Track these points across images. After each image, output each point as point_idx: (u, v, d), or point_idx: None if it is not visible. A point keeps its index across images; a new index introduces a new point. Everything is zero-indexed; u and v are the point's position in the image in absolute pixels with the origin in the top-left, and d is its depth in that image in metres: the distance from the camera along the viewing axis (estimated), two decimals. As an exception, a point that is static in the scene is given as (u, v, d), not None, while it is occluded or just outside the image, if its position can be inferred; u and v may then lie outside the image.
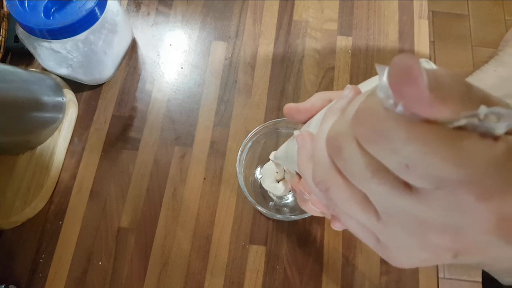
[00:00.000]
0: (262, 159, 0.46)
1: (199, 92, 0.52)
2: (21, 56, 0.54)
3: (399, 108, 0.14)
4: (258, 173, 0.46)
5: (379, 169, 0.16)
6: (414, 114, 0.14)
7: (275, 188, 0.44)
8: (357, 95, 0.21)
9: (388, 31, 0.55)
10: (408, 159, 0.14)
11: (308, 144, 0.23)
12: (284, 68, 0.53)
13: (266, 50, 0.54)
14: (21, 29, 0.44)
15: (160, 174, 0.48)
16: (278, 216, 0.43)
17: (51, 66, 0.48)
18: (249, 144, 0.45)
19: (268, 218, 0.46)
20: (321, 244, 0.45)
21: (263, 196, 0.46)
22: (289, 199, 0.46)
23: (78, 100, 0.52)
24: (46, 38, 0.43)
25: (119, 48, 0.51)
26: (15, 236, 0.46)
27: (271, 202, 0.46)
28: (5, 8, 0.53)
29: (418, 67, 0.13)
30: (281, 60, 0.54)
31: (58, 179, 0.48)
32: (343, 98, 0.21)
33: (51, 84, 0.49)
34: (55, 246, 0.46)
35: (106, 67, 0.51)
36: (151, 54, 0.55)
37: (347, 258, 0.45)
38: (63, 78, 0.52)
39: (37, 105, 0.46)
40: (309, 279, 0.44)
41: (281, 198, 0.46)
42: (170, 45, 0.55)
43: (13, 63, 0.54)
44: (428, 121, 0.14)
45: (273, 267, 0.44)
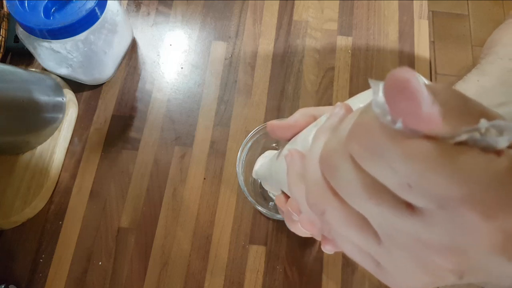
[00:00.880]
0: (262, 159, 0.46)
1: (199, 92, 0.52)
2: (21, 56, 0.54)
3: (398, 125, 0.14)
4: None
5: (378, 189, 0.15)
6: (413, 130, 0.13)
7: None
8: (348, 113, 0.20)
9: (388, 31, 0.55)
10: (408, 178, 0.13)
11: (298, 163, 0.22)
12: (284, 68, 0.53)
13: (266, 50, 0.54)
14: (21, 29, 0.44)
15: (160, 174, 0.48)
16: (278, 216, 0.43)
17: (51, 66, 0.48)
18: (249, 144, 0.45)
19: (268, 218, 0.46)
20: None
21: (263, 196, 0.46)
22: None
23: (78, 100, 0.52)
24: (46, 38, 0.43)
25: (119, 48, 0.51)
26: (15, 236, 0.46)
27: (271, 202, 0.46)
28: (5, 8, 0.53)
29: (416, 81, 0.13)
30: (281, 60, 0.54)
31: (58, 179, 0.48)
32: (334, 116, 0.20)
33: (51, 84, 0.49)
34: (55, 246, 0.46)
35: (106, 67, 0.51)
36: (151, 54, 0.55)
37: (347, 258, 0.45)
38: (63, 78, 0.52)
39: (37, 105, 0.46)
40: (309, 279, 0.44)
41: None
42: (170, 45, 0.55)
43: (13, 63, 0.54)
44: (428, 137, 0.13)
45: (273, 267, 0.44)
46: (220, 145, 0.50)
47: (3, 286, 0.43)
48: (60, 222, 0.46)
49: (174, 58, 0.54)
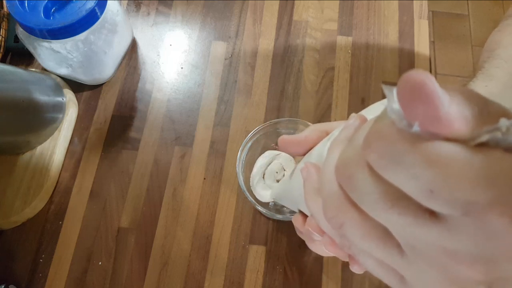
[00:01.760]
0: (262, 159, 0.46)
1: (199, 92, 0.52)
2: (21, 56, 0.54)
3: (415, 128, 0.13)
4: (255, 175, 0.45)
5: (398, 197, 0.14)
6: (432, 134, 0.13)
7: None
8: (363, 124, 0.19)
9: (388, 31, 0.55)
10: (430, 184, 0.13)
11: (314, 176, 0.21)
12: (284, 68, 0.53)
13: (266, 50, 0.54)
14: (21, 29, 0.44)
15: (160, 174, 0.48)
16: (278, 216, 0.43)
17: (51, 66, 0.48)
18: (249, 144, 0.45)
19: (268, 218, 0.46)
20: (321, 244, 0.45)
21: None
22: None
23: (78, 100, 0.52)
24: (46, 38, 0.43)
25: (119, 48, 0.51)
26: (15, 236, 0.46)
27: (271, 202, 0.46)
28: (5, 8, 0.53)
29: (431, 83, 0.12)
30: (281, 60, 0.54)
31: (58, 179, 0.48)
32: (348, 127, 0.20)
33: (51, 84, 0.49)
34: (55, 246, 0.46)
35: (106, 67, 0.51)
36: (151, 54, 0.55)
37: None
38: (63, 78, 0.52)
39: (37, 105, 0.46)
40: (309, 279, 0.44)
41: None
42: (170, 45, 0.55)
43: (13, 63, 0.54)
44: (447, 140, 0.13)
45: (273, 267, 0.44)
46: (220, 145, 0.50)
47: (3, 286, 0.43)
48: (60, 222, 0.46)
49: (174, 58, 0.54)
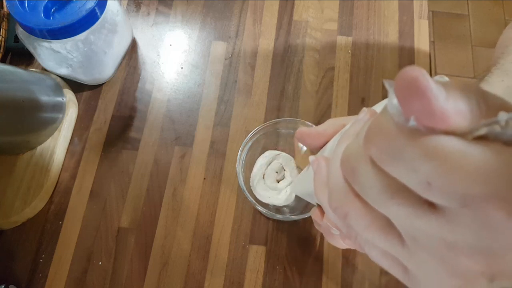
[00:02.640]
0: (262, 159, 0.46)
1: (199, 92, 0.52)
2: (21, 56, 0.54)
3: (412, 123, 0.13)
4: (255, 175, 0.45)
5: (399, 189, 0.15)
6: (429, 128, 0.13)
7: (276, 196, 0.44)
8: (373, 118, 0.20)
9: (388, 31, 0.55)
10: (428, 176, 0.13)
11: (324, 169, 0.22)
12: (284, 68, 0.53)
13: (266, 50, 0.54)
14: (21, 29, 0.44)
15: (160, 174, 0.48)
16: (278, 216, 0.43)
17: (51, 66, 0.48)
18: (249, 144, 0.45)
19: (268, 218, 0.46)
20: (321, 244, 0.45)
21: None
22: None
23: (78, 100, 0.52)
24: (46, 38, 0.43)
25: (119, 48, 0.51)
26: (15, 236, 0.46)
27: (271, 205, 0.46)
28: (5, 8, 0.53)
29: (425, 78, 0.13)
30: (281, 60, 0.54)
31: (58, 179, 0.48)
32: (358, 122, 0.20)
33: (51, 84, 0.49)
34: (55, 246, 0.46)
35: (106, 67, 0.51)
36: (151, 54, 0.55)
37: (347, 258, 0.45)
38: (63, 78, 0.52)
39: (37, 105, 0.46)
40: (309, 279, 0.44)
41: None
42: (170, 45, 0.55)
43: (13, 63, 0.54)
44: (445, 133, 0.13)
45: (273, 267, 0.44)
46: (220, 145, 0.50)
47: (3, 286, 0.43)
48: (60, 222, 0.46)
49: (174, 58, 0.54)
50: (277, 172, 0.45)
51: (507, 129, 0.13)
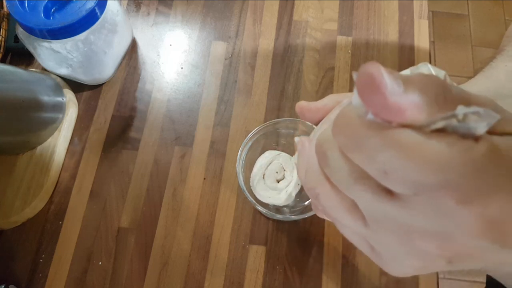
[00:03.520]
0: (262, 159, 0.46)
1: (199, 92, 0.52)
2: (21, 56, 0.54)
3: (369, 116, 0.14)
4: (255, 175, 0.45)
5: (362, 176, 0.16)
6: (387, 121, 0.14)
7: (276, 196, 0.44)
8: None
9: (388, 31, 0.55)
10: (386, 165, 0.14)
11: (307, 150, 0.23)
12: (284, 68, 0.53)
13: (266, 50, 0.54)
14: (21, 29, 0.44)
15: (160, 174, 0.48)
16: (278, 216, 0.43)
17: (51, 66, 0.48)
18: (249, 144, 0.45)
19: (268, 218, 0.46)
20: (321, 244, 0.45)
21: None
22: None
23: (78, 100, 0.52)
24: (46, 38, 0.43)
25: (119, 48, 0.51)
26: (15, 236, 0.46)
27: (271, 204, 0.46)
28: (5, 8, 0.53)
29: (380, 74, 0.13)
30: (281, 60, 0.54)
31: (58, 179, 0.48)
32: (340, 106, 0.21)
33: (51, 84, 0.49)
34: (55, 246, 0.46)
35: (106, 67, 0.51)
36: (151, 54, 0.55)
37: (347, 258, 0.45)
38: (63, 78, 0.52)
39: (37, 105, 0.46)
40: (309, 279, 0.44)
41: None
42: (170, 45, 0.55)
43: (13, 63, 0.54)
44: (404, 126, 0.14)
45: (273, 267, 0.44)
46: (220, 145, 0.50)
47: (3, 286, 0.43)
48: (60, 222, 0.46)
49: (174, 58, 0.54)
50: (277, 172, 0.45)
51: (466, 123, 0.13)
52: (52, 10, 0.45)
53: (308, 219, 0.46)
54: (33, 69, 0.52)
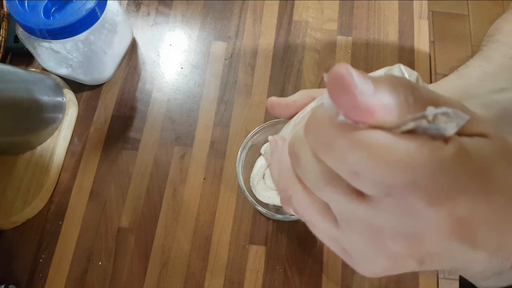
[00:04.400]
0: (262, 159, 0.46)
1: (199, 92, 0.52)
2: (21, 56, 0.54)
3: (340, 117, 0.14)
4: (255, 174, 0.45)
5: (333, 177, 0.16)
6: (357, 122, 0.14)
7: (276, 196, 0.44)
8: None
9: (388, 31, 0.55)
10: (355, 167, 0.14)
11: (280, 150, 0.23)
12: (284, 68, 0.53)
13: (266, 50, 0.54)
14: (21, 29, 0.44)
15: (160, 174, 0.48)
16: (278, 216, 0.43)
17: (51, 66, 0.48)
18: (249, 144, 0.45)
19: (268, 218, 0.46)
20: (321, 244, 0.45)
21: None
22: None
23: (78, 100, 0.52)
24: (46, 38, 0.43)
25: (119, 48, 0.51)
26: (15, 236, 0.46)
27: (271, 204, 0.46)
28: (5, 8, 0.53)
29: (349, 76, 0.13)
30: (281, 60, 0.54)
31: (58, 179, 0.48)
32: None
33: (51, 84, 0.49)
34: (55, 246, 0.46)
35: (106, 67, 0.51)
36: (151, 54, 0.55)
37: (347, 258, 0.45)
38: (63, 78, 0.52)
39: (37, 105, 0.46)
40: (309, 279, 0.44)
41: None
42: (170, 45, 0.55)
43: (13, 63, 0.54)
44: (374, 127, 0.14)
45: (273, 267, 0.44)
46: (220, 145, 0.50)
47: (3, 286, 0.43)
48: (60, 222, 0.46)
49: (174, 58, 0.54)
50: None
51: (435, 124, 0.13)
52: (52, 10, 0.45)
53: (308, 219, 0.46)
54: (33, 69, 0.52)
